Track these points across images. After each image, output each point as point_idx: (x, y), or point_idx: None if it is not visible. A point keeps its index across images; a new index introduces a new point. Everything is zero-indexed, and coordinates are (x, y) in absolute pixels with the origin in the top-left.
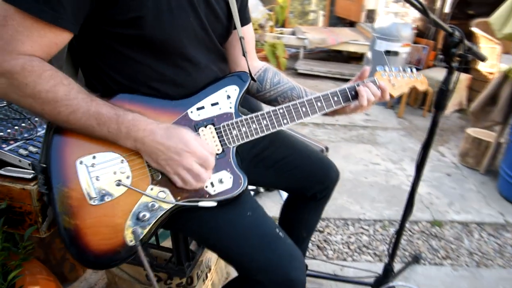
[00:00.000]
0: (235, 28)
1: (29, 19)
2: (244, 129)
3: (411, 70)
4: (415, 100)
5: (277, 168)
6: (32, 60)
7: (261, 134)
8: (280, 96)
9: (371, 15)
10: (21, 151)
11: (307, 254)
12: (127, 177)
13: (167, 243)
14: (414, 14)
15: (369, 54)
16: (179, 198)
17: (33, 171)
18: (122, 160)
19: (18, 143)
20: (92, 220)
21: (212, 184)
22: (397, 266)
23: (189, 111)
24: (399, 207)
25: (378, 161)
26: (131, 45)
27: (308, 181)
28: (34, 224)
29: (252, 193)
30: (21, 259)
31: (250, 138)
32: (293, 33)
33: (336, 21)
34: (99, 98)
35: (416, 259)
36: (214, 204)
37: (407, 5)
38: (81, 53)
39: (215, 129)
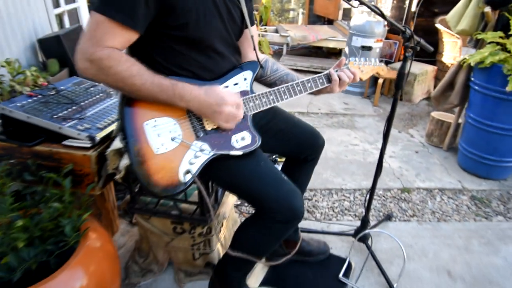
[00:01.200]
0: (245, 28)
1: (114, 24)
2: (257, 101)
3: (375, 60)
4: (388, 90)
5: (278, 137)
6: (114, 51)
7: (269, 106)
8: (278, 79)
9: (347, 13)
10: (79, 127)
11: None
12: (179, 135)
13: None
14: (386, 13)
15: (346, 49)
16: (215, 149)
17: (90, 141)
18: (175, 123)
19: (74, 122)
20: (156, 164)
21: (236, 141)
22: (373, 223)
23: None
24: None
25: (357, 142)
26: (178, 42)
27: (301, 146)
28: (91, 183)
29: None
30: (84, 209)
31: (262, 108)
32: (276, 31)
33: (315, 19)
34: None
35: (388, 217)
36: (240, 153)
37: (379, 5)
38: (139, 47)
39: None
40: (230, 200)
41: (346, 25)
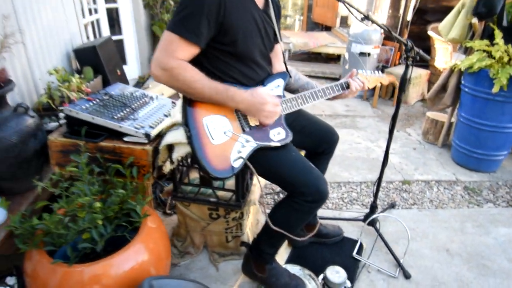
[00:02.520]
0: (276, 43)
1: (184, 41)
2: (289, 104)
3: (379, 72)
4: (386, 93)
5: (301, 133)
6: (182, 62)
7: (298, 107)
8: (300, 87)
9: (344, 21)
10: (135, 125)
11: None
12: (229, 129)
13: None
14: (382, 21)
15: (346, 55)
16: (258, 141)
17: (146, 138)
18: (226, 120)
19: (130, 121)
20: (213, 151)
21: (274, 135)
22: (379, 210)
23: None
24: (378, 172)
25: (360, 141)
26: (227, 54)
27: (320, 141)
28: (146, 174)
29: None
30: (142, 196)
31: (293, 109)
32: None
33: (313, 25)
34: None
35: (392, 205)
36: (278, 144)
37: (376, 13)
38: (195, 58)
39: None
40: (257, 190)
41: (345, 32)
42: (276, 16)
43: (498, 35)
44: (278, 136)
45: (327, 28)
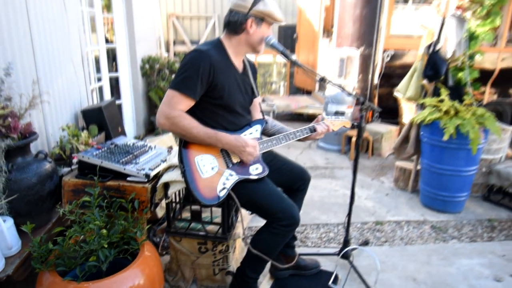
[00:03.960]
0: (254, 97)
1: (183, 96)
2: (265, 144)
3: (342, 117)
4: (362, 147)
5: (277, 172)
6: (181, 112)
7: (273, 147)
8: (276, 131)
9: (322, 85)
10: (137, 168)
11: (296, 244)
12: (216, 165)
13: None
14: (353, 84)
15: (324, 115)
16: (239, 175)
17: (146, 178)
18: (213, 158)
19: (132, 165)
20: (203, 184)
21: (253, 170)
22: (352, 245)
23: None
24: (353, 215)
25: (338, 189)
26: (215, 106)
27: (294, 179)
28: (145, 208)
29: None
30: (140, 228)
31: (268, 149)
32: (263, 101)
33: (295, 90)
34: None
35: (366, 242)
36: (257, 177)
37: (348, 77)
38: (190, 109)
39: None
40: (241, 225)
41: (322, 95)
42: (252, 76)
43: (444, 93)
44: (257, 170)
45: (308, 92)
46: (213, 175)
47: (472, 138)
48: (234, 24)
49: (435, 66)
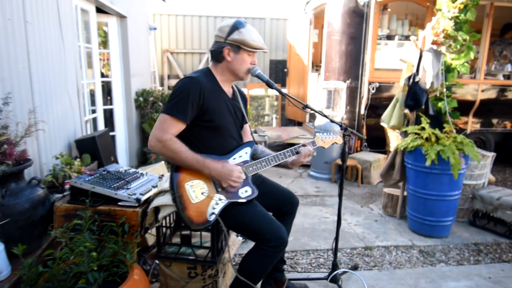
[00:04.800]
0: (245, 123)
1: (175, 120)
2: (254, 166)
3: (333, 134)
4: (351, 175)
5: (266, 196)
6: (173, 137)
7: (262, 169)
8: (264, 155)
9: (313, 116)
10: (128, 193)
11: (285, 268)
12: (206, 190)
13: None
14: (342, 115)
15: (315, 133)
16: (228, 199)
17: (137, 202)
18: (203, 183)
19: (124, 190)
20: (193, 208)
21: (242, 193)
22: (341, 269)
23: (229, 160)
24: (342, 241)
25: (328, 216)
26: (206, 130)
27: (282, 203)
28: (135, 232)
29: (240, 239)
30: (130, 252)
31: (258, 171)
32: (255, 132)
33: (287, 121)
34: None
35: (355, 267)
36: (245, 200)
37: (336, 109)
38: (181, 134)
39: (242, 168)
40: (231, 250)
41: (312, 126)
42: (242, 103)
43: (424, 121)
44: (246, 193)
45: (299, 123)
46: (203, 199)
47: (453, 164)
48: (215, 52)
49: (415, 96)
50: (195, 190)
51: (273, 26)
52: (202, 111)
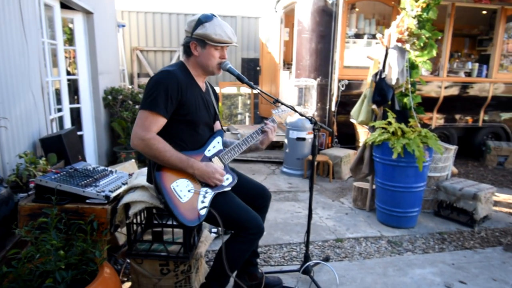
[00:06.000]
0: (217, 119)
1: (156, 115)
2: (229, 154)
3: (288, 108)
4: (323, 171)
5: (239, 190)
6: (156, 135)
7: (237, 155)
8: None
9: None
10: (96, 190)
11: (258, 262)
12: (192, 187)
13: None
14: (313, 112)
15: (286, 141)
16: (214, 190)
17: (106, 199)
18: (187, 181)
19: (92, 187)
20: (184, 207)
21: (224, 181)
22: (313, 261)
23: (205, 152)
24: (314, 234)
25: (300, 210)
26: (182, 123)
27: (255, 197)
28: (104, 230)
29: (213, 235)
30: (99, 250)
31: (233, 157)
32: (228, 130)
33: (260, 120)
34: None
35: (326, 259)
36: (229, 188)
37: (307, 106)
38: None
39: (218, 157)
40: (203, 245)
41: (284, 123)
42: (214, 98)
43: (390, 116)
44: (228, 181)
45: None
46: (191, 196)
47: (418, 156)
48: (185, 47)
49: (382, 92)
50: (182, 189)
51: (245, 24)
52: (180, 104)
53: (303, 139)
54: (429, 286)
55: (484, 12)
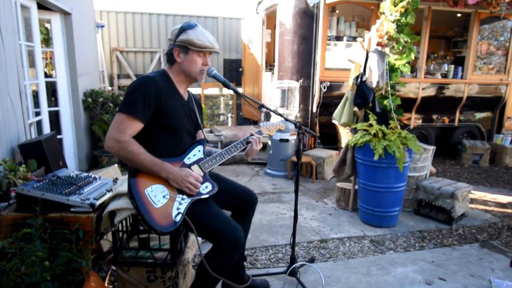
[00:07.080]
0: (199, 128)
1: (132, 119)
2: (210, 162)
3: (276, 123)
4: (306, 172)
5: (225, 195)
6: (130, 138)
7: (218, 164)
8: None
9: (268, 115)
10: (81, 198)
11: (245, 264)
12: (167, 193)
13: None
14: (295, 113)
15: (269, 142)
16: (191, 197)
17: (91, 207)
18: (163, 186)
19: (76, 195)
20: (157, 213)
21: (203, 189)
22: (298, 262)
23: (184, 160)
24: (299, 235)
25: (285, 212)
26: (161, 129)
27: (241, 201)
28: (90, 238)
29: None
30: (85, 259)
31: (214, 166)
32: (211, 132)
33: (242, 121)
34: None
35: (312, 260)
36: (207, 196)
37: (290, 107)
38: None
39: (198, 165)
40: (190, 251)
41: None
42: (197, 108)
43: (371, 118)
44: (207, 189)
45: (255, 122)
46: (166, 202)
47: (398, 157)
48: (168, 55)
49: (363, 95)
50: (156, 194)
51: (226, 25)
52: (158, 110)
53: (287, 140)
54: (411, 284)
55: (459, 15)
